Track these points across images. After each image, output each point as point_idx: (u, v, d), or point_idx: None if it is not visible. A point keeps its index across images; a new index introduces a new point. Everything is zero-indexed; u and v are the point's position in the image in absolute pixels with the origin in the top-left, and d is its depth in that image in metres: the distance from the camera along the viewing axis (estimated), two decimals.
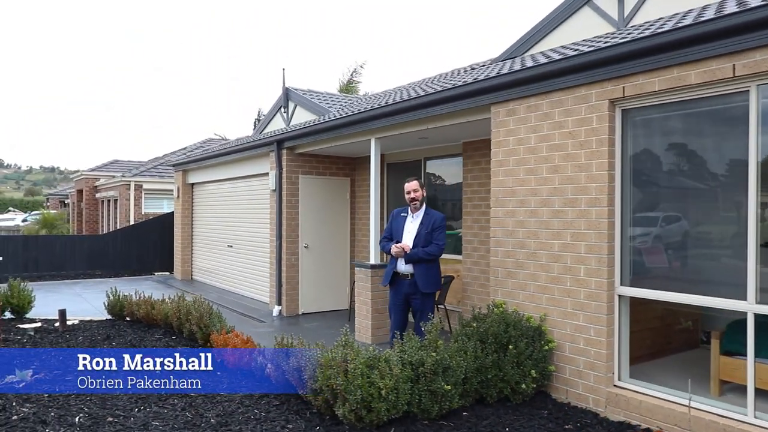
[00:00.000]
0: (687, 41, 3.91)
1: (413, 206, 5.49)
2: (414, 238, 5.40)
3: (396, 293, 5.53)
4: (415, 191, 5.45)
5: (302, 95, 11.91)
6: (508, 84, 5.27)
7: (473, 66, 9.56)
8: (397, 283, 5.51)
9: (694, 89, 4.02)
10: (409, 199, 5.48)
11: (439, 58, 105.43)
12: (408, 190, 5.50)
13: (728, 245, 4.12)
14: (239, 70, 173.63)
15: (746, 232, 3.79)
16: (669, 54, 4.04)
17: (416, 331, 5.41)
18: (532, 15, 24.46)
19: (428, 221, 5.41)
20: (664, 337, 5.37)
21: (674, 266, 4.50)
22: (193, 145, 24.39)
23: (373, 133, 7.43)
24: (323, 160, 9.65)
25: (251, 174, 10.81)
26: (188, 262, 14.08)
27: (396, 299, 5.53)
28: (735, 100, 3.89)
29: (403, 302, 5.51)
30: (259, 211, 10.61)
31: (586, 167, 4.65)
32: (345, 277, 9.91)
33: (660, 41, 4.05)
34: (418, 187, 5.46)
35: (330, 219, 9.75)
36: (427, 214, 5.49)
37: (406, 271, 5.42)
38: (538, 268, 5.05)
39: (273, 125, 13.08)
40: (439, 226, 5.40)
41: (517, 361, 4.64)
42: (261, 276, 10.49)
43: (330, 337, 7.61)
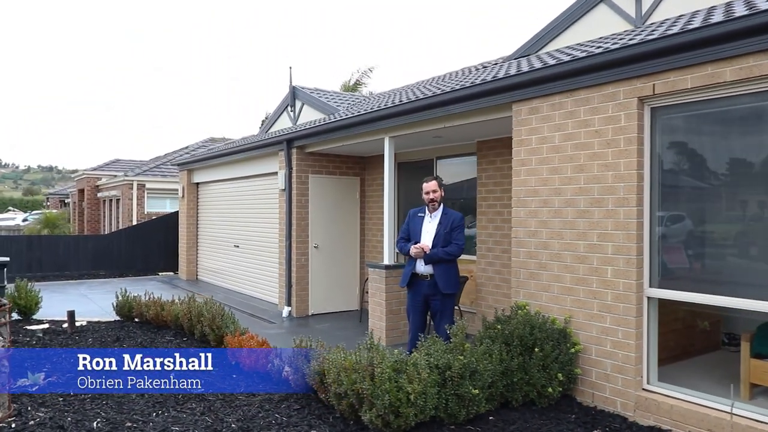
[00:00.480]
0: (723, 37, 3.82)
1: (431, 206, 5.40)
2: (433, 239, 5.30)
3: (415, 295, 5.43)
4: (434, 191, 5.36)
5: (310, 94, 11.80)
6: (531, 82, 5.18)
7: (484, 64, 9.47)
8: (415, 285, 5.41)
9: (729, 87, 3.92)
10: (428, 199, 5.39)
11: (439, 59, 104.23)
12: (427, 190, 5.40)
13: (764, 246, 4.03)
14: (239, 70, 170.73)
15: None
16: (703, 50, 3.94)
17: (437, 332, 5.33)
18: (533, 15, 24.31)
19: (447, 221, 5.32)
20: (687, 339, 5.29)
21: (705, 268, 4.41)
22: (194, 145, 24.28)
23: (388, 131, 7.33)
24: (333, 159, 9.55)
25: (259, 173, 10.71)
26: (193, 262, 13.97)
27: (415, 301, 5.44)
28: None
29: (422, 304, 5.42)
30: (267, 210, 10.51)
31: (614, 166, 4.55)
32: (355, 278, 9.82)
33: (694, 38, 3.96)
34: (436, 187, 5.37)
35: (340, 219, 9.65)
36: (445, 213, 5.40)
37: (425, 272, 5.33)
38: (563, 269, 4.95)
39: (279, 124, 12.98)
40: (458, 225, 5.31)
41: (543, 364, 4.55)
42: (269, 276, 10.39)
43: (343, 339, 7.53)
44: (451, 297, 5.37)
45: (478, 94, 5.68)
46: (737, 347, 5.19)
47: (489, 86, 5.54)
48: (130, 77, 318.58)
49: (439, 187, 5.38)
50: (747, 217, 4.21)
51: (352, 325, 8.48)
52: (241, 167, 11.40)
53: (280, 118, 12.99)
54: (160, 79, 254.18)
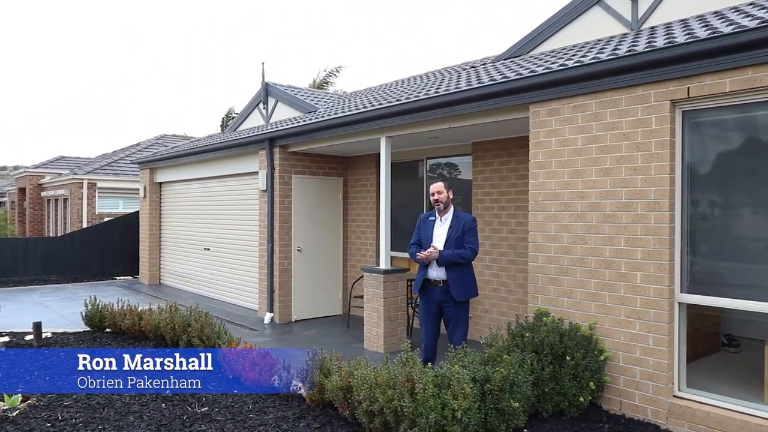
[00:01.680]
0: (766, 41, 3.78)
1: (437, 208, 5.20)
2: (444, 243, 5.10)
3: (427, 301, 5.21)
4: (439, 193, 5.13)
5: (285, 91, 11.39)
6: (551, 83, 5.05)
7: (473, 64, 9.35)
8: (428, 291, 5.19)
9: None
10: (433, 200, 5.17)
11: (415, 60, 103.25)
12: (432, 191, 5.18)
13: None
14: (239, 70, 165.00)
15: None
16: (744, 54, 3.90)
17: (450, 341, 5.12)
18: (529, 15, 24.35)
19: (458, 224, 5.12)
20: (704, 342, 5.30)
21: (736, 273, 4.39)
22: (146, 142, 23.18)
23: (384, 131, 7.08)
24: (317, 159, 9.21)
25: (235, 173, 10.22)
26: (156, 265, 13.26)
27: (428, 307, 5.22)
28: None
29: (435, 310, 5.20)
30: (243, 212, 10.04)
31: (643, 170, 4.48)
32: (338, 282, 9.51)
33: (735, 41, 3.91)
34: (442, 188, 5.15)
35: (323, 221, 9.32)
36: (456, 216, 5.20)
37: (437, 277, 5.11)
38: (586, 274, 4.85)
39: (250, 122, 12.48)
40: (471, 228, 5.11)
41: (574, 373, 4.43)
42: (247, 281, 9.93)
43: (335, 347, 7.23)
44: (465, 304, 5.16)
45: (492, 95, 5.51)
46: (736, 348, 5.27)
47: (505, 86, 5.39)
48: (130, 77, 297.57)
49: (445, 189, 5.16)
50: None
51: (340, 332, 8.18)
52: (214, 166, 10.85)
53: (250, 116, 12.49)
54: (160, 79, 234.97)
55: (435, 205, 5.20)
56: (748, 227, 4.32)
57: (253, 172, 9.57)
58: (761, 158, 4.24)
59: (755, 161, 4.27)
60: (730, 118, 4.25)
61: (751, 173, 4.29)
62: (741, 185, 4.35)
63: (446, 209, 5.22)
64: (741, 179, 4.36)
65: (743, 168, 4.33)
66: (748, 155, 4.30)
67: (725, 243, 4.43)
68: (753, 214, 4.30)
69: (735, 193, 4.39)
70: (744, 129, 4.29)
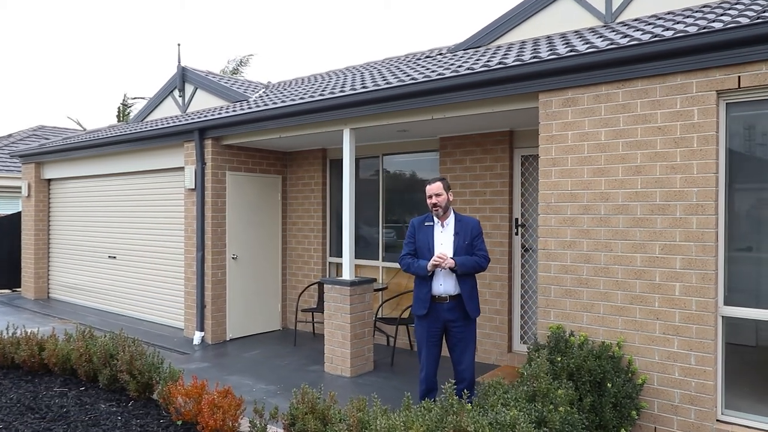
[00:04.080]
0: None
1: (436, 213, 4.41)
2: (453, 252, 4.33)
3: (432, 322, 4.40)
4: (438, 195, 4.35)
5: (206, 77, 10.08)
6: (568, 69, 4.45)
7: (428, 54, 8.66)
8: (432, 309, 4.40)
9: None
10: (431, 204, 4.38)
11: (336, 52, 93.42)
12: (429, 194, 4.39)
13: None
14: (132, 54, 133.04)
15: None
16: None
17: (457, 368, 4.37)
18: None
19: (464, 230, 4.38)
20: None
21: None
22: (22, 133, 20.21)
23: (348, 122, 6.18)
24: (253, 154, 8.07)
25: (152, 169, 8.76)
26: (44, 277, 11.27)
27: (432, 329, 4.41)
28: None
29: (440, 332, 4.42)
30: (164, 214, 8.63)
31: (683, 169, 3.99)
32: (276, 293, 8.42)
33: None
34: (441, 189, 4.36)
35: (260, 224, 8.20)
36: (459, 220, 4.45)
37: (444, 292, 4.33)
38: (612, 285, 4.30)
39: (161, 111, 10.96)
40: (479, 233, 4.42)
41: (614, 402, 3.84)
42: (170, 295, 8.53)
43: (288, 371, 6.22)
44: (474, 323, 4.45)
45: (497, 81, 4.83)
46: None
47: (509, 72, 4.72)
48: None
49: (445, 190, 4.37)
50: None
51: (287, 351, 7.14)
52: (122, 161, 9.27)
53: (163, 104, 10.98)
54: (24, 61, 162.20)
55: (433, 210, 4.40)
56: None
57: (176, 167, 8.22)
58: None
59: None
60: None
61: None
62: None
63: (446, 213, 4.44)
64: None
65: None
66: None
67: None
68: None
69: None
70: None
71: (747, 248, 4.01)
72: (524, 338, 6.35)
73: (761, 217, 3.95)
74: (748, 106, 3.90)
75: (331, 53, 43.92)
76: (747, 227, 4.01)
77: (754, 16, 3.87)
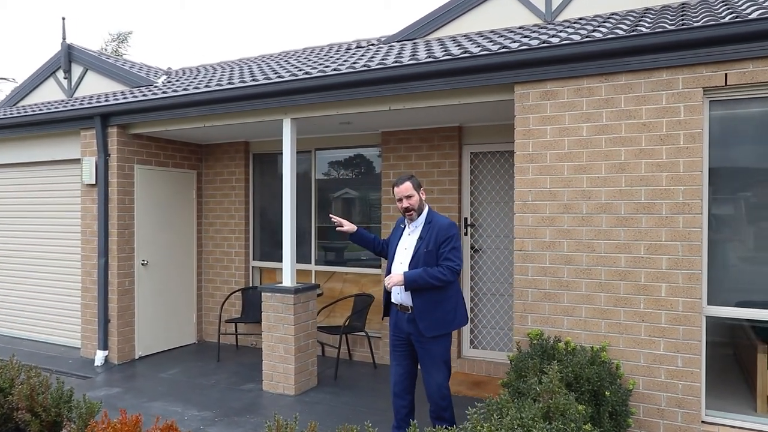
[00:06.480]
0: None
1: (409, 218, 3.88)
2: (410, 260, 3.79)
3: (396, 332, 3.92)
4: (409, 197, 3.81)
5: (99, 56, 8.81)
6: (547, 60, 4.22)
7: (358, 45, 8.17)
8: (395, 317, 3.93)
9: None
10: (402, 209, 3.84)
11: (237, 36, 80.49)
12: (399, 196, 3.83)
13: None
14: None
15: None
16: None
17: (426, 388, 3.86)
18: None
19: (429, 234, 3.77)
20: None
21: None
22: None
23: (289, 111, 5.55)
24: (165, 145, 7.11)
25: (34, 161, 7.43)
26: None
27: (395, 339, 3.93)
28: None
29: (405, 344, 3.92)
30: (51, 214, 7.36)
31: (669, 166, 3.90)
32: (191, 302, 7.51)
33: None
34: (412, 190, 3.81)
35: (173, 225, 7.25)
36: (429, 222, 3.84)
37: (402, 301, 3.82)
38: (595, 287, 4.13)
39: (40, 95, 9.44)
40: (447, 238, 3.73)
41: (611, 411, 3.64)
42: (61, 308, 7.28)
43: (218, 392, 5.45)
44: (442, 341, 3.80)
45: (469, 69, 4.49)
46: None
47: (485, 61, 4.41)
48: None
49: (415, 189, 3.83)
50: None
51: (211, 369, 6.32)
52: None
53: (42, 87, 9.45)
54: None
55: (406, 215, 3.86)
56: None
57: (69, 159, 7.03)
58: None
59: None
60: (764, 111, 3.87)
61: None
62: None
63: (418, 216, 3.90)
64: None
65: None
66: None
67: (755, 249, 4.05)
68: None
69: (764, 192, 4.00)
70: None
71: (731, 248, 4.00)
72: (474, 342, 6.10)
73: (743, 216, 3.96)
74: (734, 105, 3.89)
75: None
76: (730, 227, 4.00)
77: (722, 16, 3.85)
